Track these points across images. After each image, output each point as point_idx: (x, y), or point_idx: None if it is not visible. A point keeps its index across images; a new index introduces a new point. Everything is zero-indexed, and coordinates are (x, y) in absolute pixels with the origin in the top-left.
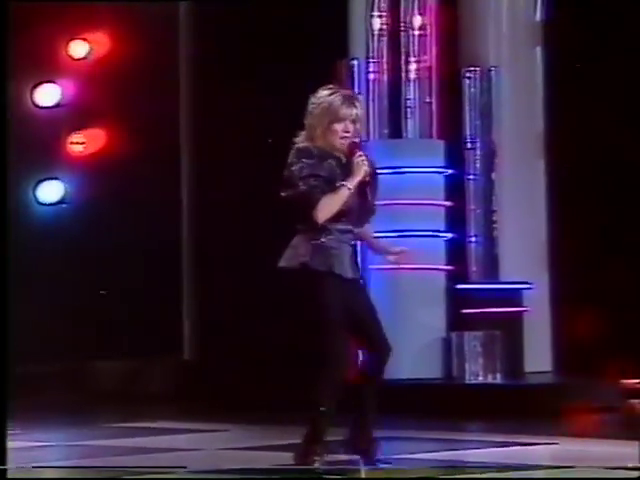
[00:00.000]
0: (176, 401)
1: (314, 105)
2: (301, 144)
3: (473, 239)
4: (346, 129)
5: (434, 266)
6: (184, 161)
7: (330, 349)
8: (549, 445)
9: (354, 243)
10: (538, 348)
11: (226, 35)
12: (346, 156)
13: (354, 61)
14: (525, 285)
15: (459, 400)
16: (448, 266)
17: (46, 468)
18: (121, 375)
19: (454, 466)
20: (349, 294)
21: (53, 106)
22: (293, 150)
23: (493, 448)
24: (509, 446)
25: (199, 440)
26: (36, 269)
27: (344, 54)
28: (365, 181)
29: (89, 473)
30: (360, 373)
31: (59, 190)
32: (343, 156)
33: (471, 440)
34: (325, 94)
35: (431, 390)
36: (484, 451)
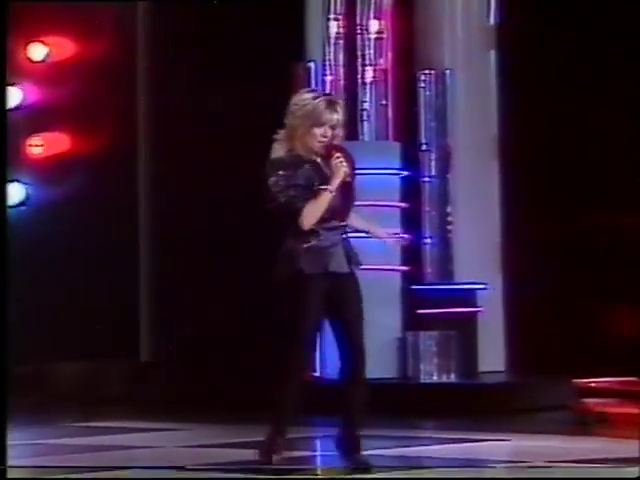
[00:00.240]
0: (133, 402)
1: (297, 107)
2: (273, 155)
3: (428, 240)
4: (325, 134)
5: (390, 267)
6: (141, 163)
7: (295, 351)
8: (501, 442)
9: (346, 237)
10: (492, 348)
11: (184, 36)
12: (323, 158)
13: (311, 64)
14: (479, 286)
15: (414, 399)
16: (403, 267)
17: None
18: (79, 377)
19: (410, 463)
20: (343, 292)
21: (13, 109)
22: (267, 162)
23: (447, 445)
24: (462, 442)
25: (156, 438)
26: None
27: (301, 56)
28: (346, 181)
29: (48, 472)
30: (342, 374)
31: (19, 192)
32: (320, 158)
33: (426, 437)
34: (309, 97)
35: (387, 390)
36: (439, 447)
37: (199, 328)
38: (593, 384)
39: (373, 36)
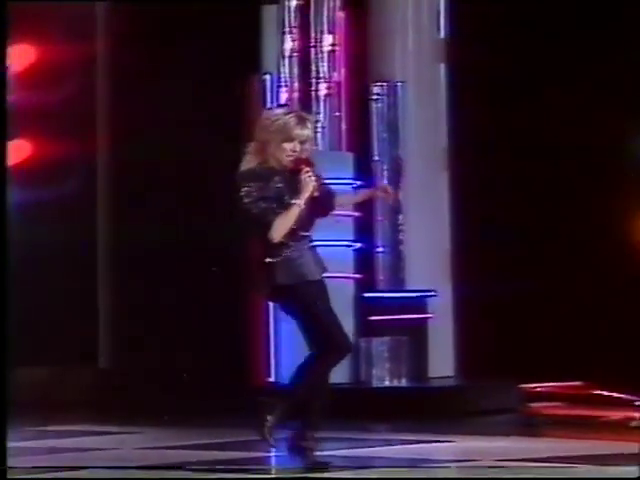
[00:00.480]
0: (92, 407)
1: (269, 121)
2: (244, 167)
3: (380, 249)
4: (294, 149)
5: (343, 275)
6: (101, 165)
7: (334, 338)
8: (448, 443)
9: (313, 245)
10: (442, 353)
11: (143, 37)
12: (292, 172)
13: (266, 76)
14: (430, 293)
15: (366, 403)
16: (356, 275)
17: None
18: (39, 383)
19: (361, 463)
20: (317, 296)
21: None
22: (238, 174)
23: (397, 446)
24: (412, 444)
25: (113, 441)
26: None
27: (256, 69)
28: (314, 196)
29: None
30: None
31: None
32: (288, 173)
33: (378, 439)
34: (281, 112)
35: (340, 394)
36: (389, 448)
37: (157, 333)
38: (539, 388)
39: (327, 49)
